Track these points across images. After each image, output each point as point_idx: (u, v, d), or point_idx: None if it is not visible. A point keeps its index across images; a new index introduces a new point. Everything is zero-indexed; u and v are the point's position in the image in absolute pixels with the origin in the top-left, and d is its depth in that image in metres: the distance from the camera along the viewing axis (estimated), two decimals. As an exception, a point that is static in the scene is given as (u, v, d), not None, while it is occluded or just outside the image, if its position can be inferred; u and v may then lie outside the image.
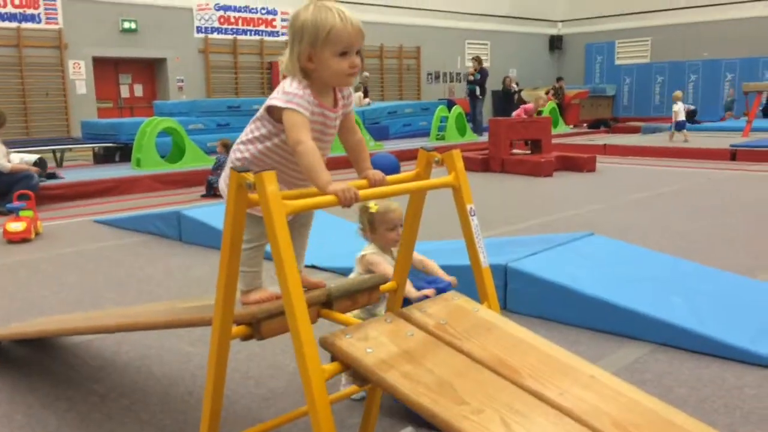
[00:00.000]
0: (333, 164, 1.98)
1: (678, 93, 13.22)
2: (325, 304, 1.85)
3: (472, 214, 1.89)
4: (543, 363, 1.55)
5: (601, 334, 3.30)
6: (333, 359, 1.55)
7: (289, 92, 1.75)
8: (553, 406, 1.40)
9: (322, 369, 1.46)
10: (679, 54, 21.29)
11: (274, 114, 1.81)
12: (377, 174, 1.82)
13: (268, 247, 1.62)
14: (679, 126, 12.56)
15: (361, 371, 1.48)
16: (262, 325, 1.72)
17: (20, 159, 7.87)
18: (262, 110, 1.87)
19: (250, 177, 1.51)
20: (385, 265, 2.45)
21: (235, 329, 1.72)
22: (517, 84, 18.22)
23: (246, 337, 1.74)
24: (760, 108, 15.51)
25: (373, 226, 2.56)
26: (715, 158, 10.96)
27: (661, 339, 3.15)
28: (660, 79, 21.69)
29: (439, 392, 1.41)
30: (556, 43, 24.01)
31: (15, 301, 4.16)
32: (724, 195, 7.64)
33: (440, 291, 2.04)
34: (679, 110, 12.53)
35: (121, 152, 11.47)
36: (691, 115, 15.80)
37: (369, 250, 2.58)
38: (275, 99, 1.77)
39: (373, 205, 2.50)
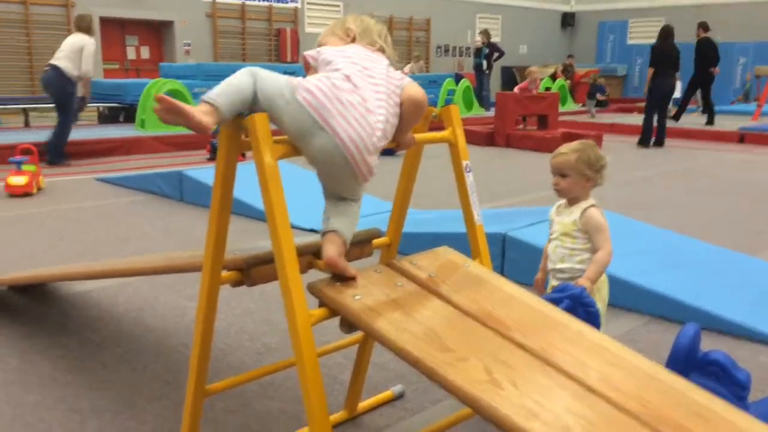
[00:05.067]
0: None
1: None
2: (316, 255, 1.84)
3: (468, 170, 1.87)
4: (531, 317, 1.54)
5: (596, 304, 3.29)
6: (321, 305, 1.55)
7: None
8: (539, 358, 1.40)
9: (309, 313, 1.46)
10: (692, 35, 20.98)
11: None
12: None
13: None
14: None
15: (347, 317, 1.49)
16: (252, 270, 1.72)
17: None
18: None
19: (241, 119, 1.50)
20: None
21: (225, 274, 1.72)
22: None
23: (236, 283, 1.74)
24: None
25: None
26: (723, 140, 10.88)
27: (657, 311, 3.15)
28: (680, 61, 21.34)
29: (424, 340, 1.41)
30: (568, 20, 23.70)
31: (14, 253, 4.18)
32: (729, 176, 7.59)
33: (574, 298, 1.96)
34: None
35: (126, 113, 11.43)
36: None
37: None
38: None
39: None
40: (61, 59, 7.26)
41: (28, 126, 11.01)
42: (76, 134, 9.00)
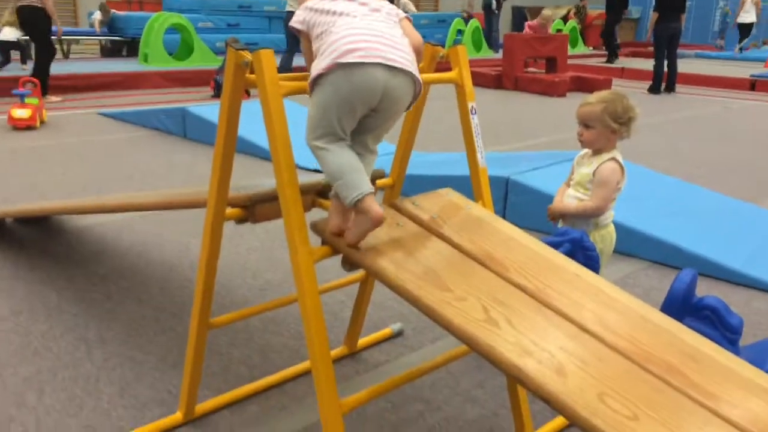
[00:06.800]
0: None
1: None
2: (320, 194, 1.85)
3: (473, 112, 1.86)
4: (530, 259, 1.56)
5: (596, 249, 3.32)
6: (323, 243, 1.57)
7: None
8: (536, 298, 1.43)
9: (311, 251, 1.48)
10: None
11: None
12: None
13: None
14: None
15: (349, 255, 1.51)
16: (256, 208, 1.73)
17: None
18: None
19: (247, 55, 1.49)
20: None
21: (230, 211, 1.73)
22: None
23: (240, 220, 1.76)
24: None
25: None
26: (734, 87, 10.72)
27: (656, 257, 3.19)
28: (688, 3, 20.88)
29: (424, 279, 1.43)
30: (582, -42, 22.98)
31: (19, 186, 4.20)
32: (737, 124, 7.52)
33: (574, 242, 1.99)
34: None
35: (129, 47, 11.29)
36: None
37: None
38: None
39: None
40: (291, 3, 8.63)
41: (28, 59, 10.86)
42: (78, 68, 8.93)
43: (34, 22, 7.31)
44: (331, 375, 1.45)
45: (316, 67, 1.45)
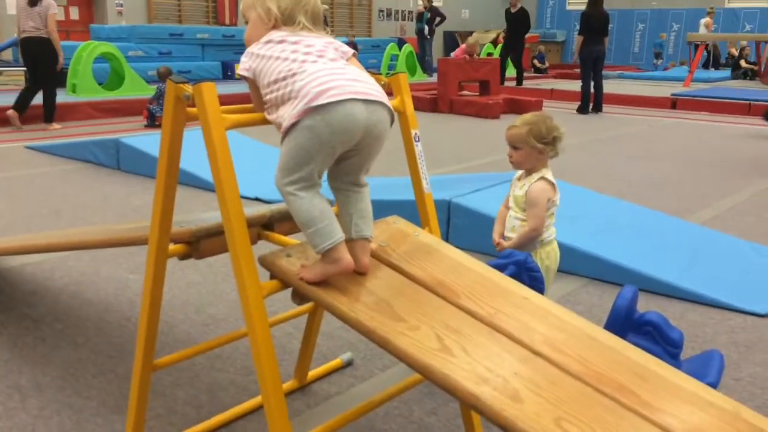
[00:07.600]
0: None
1: None
2: (265, 226, 1.83)
3: (417, 140, 1.88)
4: (479, 284, 1.58)
5: (538, 268, 3.38)
6: (272, 277, 1.55)
7: None
8: (487, 323, 1.44)
9: (260, 286, 1.45)
10: (628, 2, 21.42)
11: None
12: None
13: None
14: None
15: (299, 289, 1.49)
16: (201, 243, 1.69)
17: None
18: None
19: (188, 88, 1.46)
20: None
21: (173, 247, 1.69)
22: None
23: (184, 256, 1.71)
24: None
25: None
26: (656, 106, 11.22)
27: (595, 273, 3.27)
28: (609, 26, 21.84)
29: (377, 310, 1.42)
30: (509, -15, 23.76)
31: (-59, 226, 3.98)
32: (661, 141, 7.86)
33: (519, 264, 2.02)
34: None
35: (56, 77, 10.91)
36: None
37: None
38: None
39: None
40: None
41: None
42: (3, 100, 8.57)
43: (43, 53, 7.28)
44: (284, 413, 1.42)
45: (287, 116, 1.41)
